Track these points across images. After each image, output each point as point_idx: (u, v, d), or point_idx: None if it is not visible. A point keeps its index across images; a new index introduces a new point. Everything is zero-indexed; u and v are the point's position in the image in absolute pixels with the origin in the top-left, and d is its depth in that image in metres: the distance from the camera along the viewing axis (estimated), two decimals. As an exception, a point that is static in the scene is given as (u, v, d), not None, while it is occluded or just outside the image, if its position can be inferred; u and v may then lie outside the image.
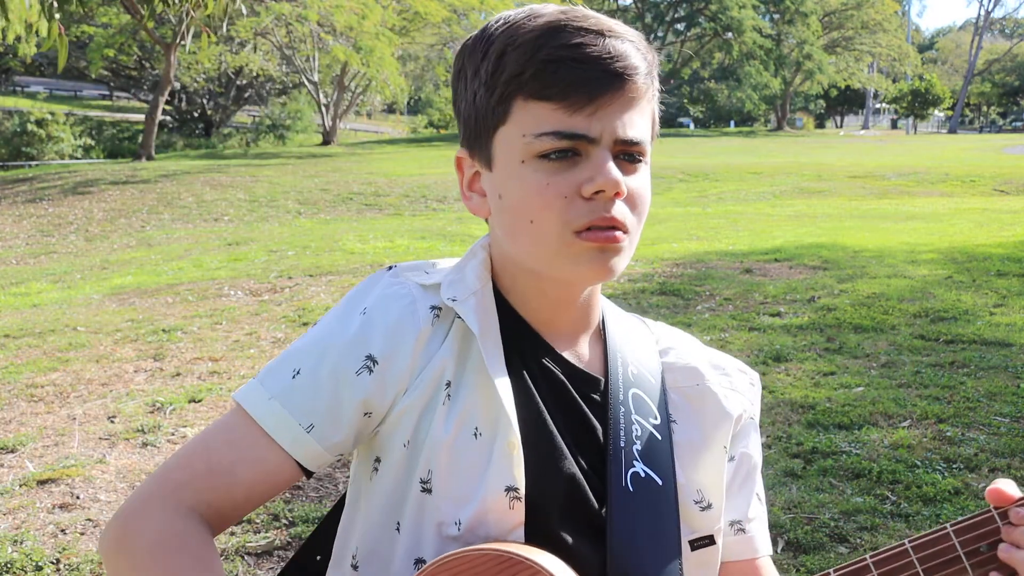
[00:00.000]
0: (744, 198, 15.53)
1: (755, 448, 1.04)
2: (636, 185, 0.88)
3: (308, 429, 0.91)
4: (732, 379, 1.04)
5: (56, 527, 2.96)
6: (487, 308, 0.94)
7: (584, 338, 1.00)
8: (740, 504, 1.02)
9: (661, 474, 0.94)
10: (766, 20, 43.31)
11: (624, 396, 0.96)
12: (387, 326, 0.92)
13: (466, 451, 0.91)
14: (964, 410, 3.85)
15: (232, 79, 32.42)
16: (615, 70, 0.85)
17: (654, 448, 0.95)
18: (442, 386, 0.92)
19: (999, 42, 69.50)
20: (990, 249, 7.95)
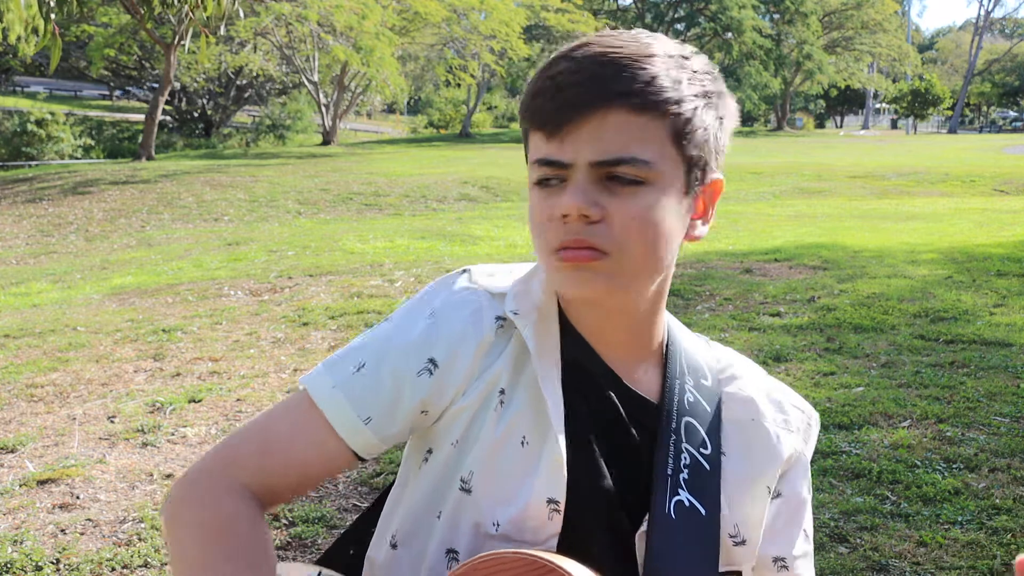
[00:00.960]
0: (744, 198, 15.54)
1: (804, 486, 1.04)
2: (622, 207, 0.87)
3: (366, 421, 0.95)
4: (788, 417, 1.03)
5: (56, 527, 2.96)
6: (548, 323, 0.97)
7: (643, 360, 1.00)
8: (785, 541, 1.02)
9: (706, 504, 0.95)
10: (766, 20, 43.31)
11: (677, 424, 0.97)
12: (451, 332, 0.95)
13: (511, 456, 0.94)
14: (964, 410, 3.85)
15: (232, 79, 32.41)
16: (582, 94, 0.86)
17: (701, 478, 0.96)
18: (496, 392, 0.95)
19: (999, 42, 69.51)
20: (990, 249, 7.95)
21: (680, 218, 0.92)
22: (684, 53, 0.92)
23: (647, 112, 0.87)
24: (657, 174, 0.88)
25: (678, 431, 0.96)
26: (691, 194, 0.93)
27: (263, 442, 0.97)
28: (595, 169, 0.87)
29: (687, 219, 0.94)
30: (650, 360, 1.00)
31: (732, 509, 0.97)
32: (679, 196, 0.91)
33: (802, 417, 1.05)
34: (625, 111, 0.86)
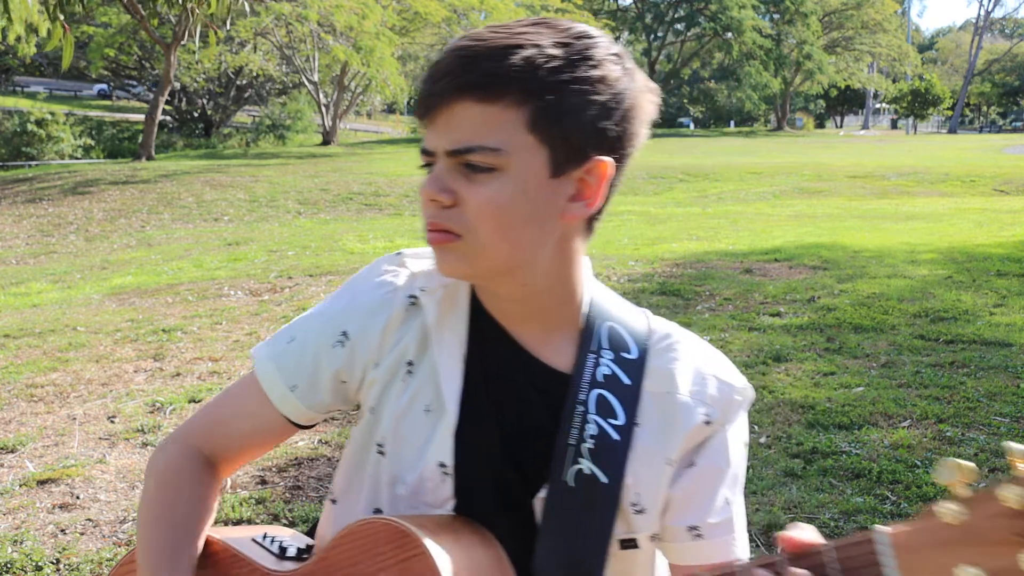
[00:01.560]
0: (744, 198, 15.53)
1: (724, 457, 1.02)
2: (474, 194, 0.92)
3: (292, 389, 1.07)
4: (705, 389, 1.02)
5: (56, 527, 2.96)
6: (454, 300, 1.04)
7: (557, 335, 1.03)
8: (700, 509, 1.01)
9: (608, 474, 0.98)
10: (766, 20, 43.32)
11: (586, 396, 1.00)
12: (364, 308, 1.05)
13: (416, 423, 1.02)
14: (964, 410, 3.86)
15: (232, 79, 32.41)
16: (439, 87, 0.91)
17: (607, 448, 0.98)
18: (403, 364, 1.03)
19: (999, 42, 69.52)
20: (990, 249, 7.95)
21: (546, 201, 0.94)
22: (565, 40, 0.92)
23: (496, 102, 0.90)
24: (508, 160, 0.91)
25: (586, 403, 0.99)
26: (562, 177, 0.94)
27: (218, 411, 1.13)
28: (451, 157, 0.92)
29: (559, 201, 0.95)
30: (565, 334, 1.03)
31: (637, 479, 0.99)
32: (541, 180, 0.93)
33: (722, 388, 1.03)
34: (471, 102, 0.90)
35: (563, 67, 0.91)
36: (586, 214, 0.98)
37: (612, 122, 0.95)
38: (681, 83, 50.63)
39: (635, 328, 1.06)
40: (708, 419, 1.01)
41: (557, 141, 0.92)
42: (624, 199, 15.69)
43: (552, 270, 0.99)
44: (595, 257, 7.87)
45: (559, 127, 0.92)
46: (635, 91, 0.97)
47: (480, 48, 0.91)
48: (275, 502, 3.09)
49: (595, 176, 0.96)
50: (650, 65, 46.11)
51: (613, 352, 1.02)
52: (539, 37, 0.91)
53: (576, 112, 0.92)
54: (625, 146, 0.98)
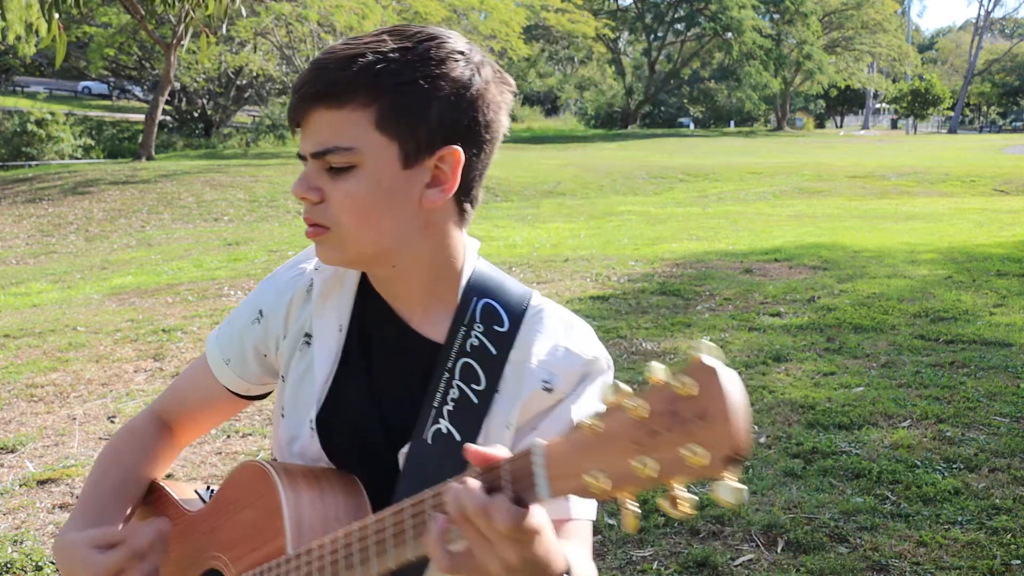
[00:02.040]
0: (744, 198, 15.53)
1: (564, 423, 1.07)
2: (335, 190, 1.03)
3: (227, 363, 1.24)
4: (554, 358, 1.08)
5: (56, 527, 2.96)
6: (342, 280, 1.16)
7: (433, 309, 1.13)
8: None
9: (463, 433, 1.07)
10: (766, 20, 43.33)
11: (453, 363, 1.10)
12: (276, 289, 1.21)
13: (307, 390, 1.16)
14: (964, 410, 3.85)
15: (232, 79, 32.41)
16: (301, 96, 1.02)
17: (465, 410, 1.08)
18: (302, 337, 1.17)
19: (999, 42, 69.53)
20: (990, 249, 7.95)
21: (401, 190, 1.04)
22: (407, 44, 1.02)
23: (343, 106, 1.01)
24: (362, 157, 1.02)
25: (453, 369, 1.09)
26: (415, 167, 1.04)
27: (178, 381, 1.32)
28: (315, 159, 1.03)
29: (415, 189, 1.05)
30: (444, 309, 1.13)
31: (488, 439, 1.07)
32: (394, 172, 1.04)
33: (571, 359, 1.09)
34: (324, 109, 1.01)
35: (402, 69, 1.01)
36: (443, 199, 1.06)
37: (459, 114, 1.03)
38: (681, 83, 50.62)
39: (511, 303, 1.13)
40: (548, 386, 1.07)
41: (404, 136, 1.02)
42: (624, 199, 15.69)
43: (422, 252, 1.09)
44: (595, 257, 7.87)
45: (404, 123, 1.02)
46: (482, 84, 1.05)
47: (329, 60, 1.02)
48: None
49: (448, 164, 1.05)
50: (650, 65, 46.12)
51: (484, 325, 1.11)
52: (382, 44, 1.02)
53: (419, 108, 1.01)
54: (478, 134, 1.06)
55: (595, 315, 5.67)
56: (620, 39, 46.91)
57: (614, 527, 2.93)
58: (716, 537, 2.86)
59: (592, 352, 1.10)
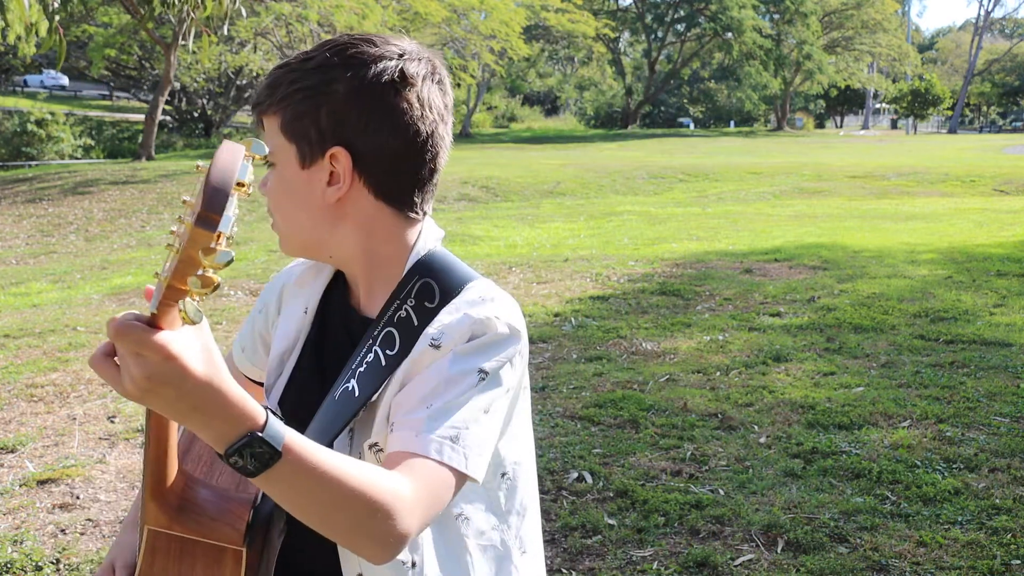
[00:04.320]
0: (744, 198, 15.53)
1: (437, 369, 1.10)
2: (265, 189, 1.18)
3: (242, 350, 1.38)
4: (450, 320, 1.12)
5: (56, 527, 2.96)
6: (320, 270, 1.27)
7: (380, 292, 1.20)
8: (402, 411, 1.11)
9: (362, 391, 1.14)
10: (766, 20, 43.32)
11: (379, 332, 1.17)
12: (276, 280, 1.35)
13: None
14: (964, 410, 3.85)
15: (232, 79, 32.40)
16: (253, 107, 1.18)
17: (373, 371, 1.15)
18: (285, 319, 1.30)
19: (999, 42, 69.52)
20: (990, 249, 7.95)
21: (304, 188, 1.15)
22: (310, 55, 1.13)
23: (265, 115, 1.15)
24: (275, 157, 1.15)
25: (376, 337, 1.17)
26: (312, 167, 1.14)
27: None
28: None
29: (318, 187, 1.14)
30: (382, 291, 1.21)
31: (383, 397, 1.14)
32: (296, 171, 1.14)
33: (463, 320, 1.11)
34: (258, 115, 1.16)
35: (301, 77, 1.12)
36: (335, 196, 1.13)
37: (351, 115, 1.11)
38: (681, 83, 50.62)
39: (449, 283, 1.18)
40: (436, 343, 1.11)
41: (299, 138, 1.13)
42: (624, 199, 15.69)
43: (348, 243, 1.17)
44: (595, 257, 7.87)
45: (299, 126, 1.12)
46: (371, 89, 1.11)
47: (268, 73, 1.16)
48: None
49: (340, 163, 1.12)
50: (650, 65, 46.12)
51: (416, 300, 1.17)
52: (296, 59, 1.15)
53: (310, 112, 1.11)
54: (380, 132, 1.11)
55: (595, 315, 5.68)
56: (620, 39, 46.90)
57: (614, 527, 2.93)
58: (716, 537, 2.86)
59: (487, 313, 1.12)
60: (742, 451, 3.50)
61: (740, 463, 3.39)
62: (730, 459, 3.43)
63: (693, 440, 3.61)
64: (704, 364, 4.61)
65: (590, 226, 11.03)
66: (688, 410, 3.95)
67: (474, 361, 1.11)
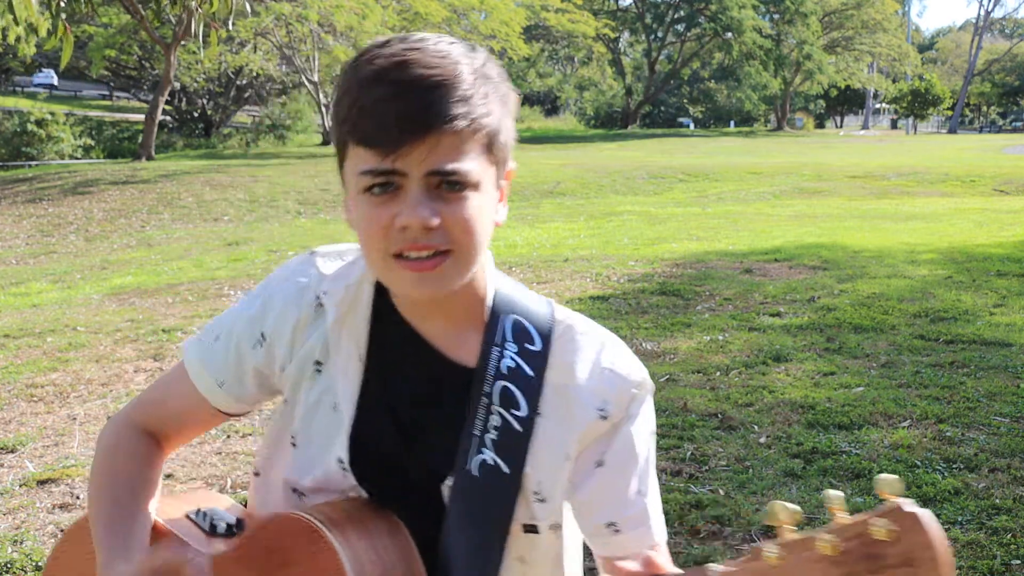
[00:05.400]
0: (744, 198, 15.53)
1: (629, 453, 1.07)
2: (456, 212, 0.97)
3: (220, 384, 1.16)
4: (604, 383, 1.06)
5: (56, 527, 2.96)
6: (356, 301, 1.10)
7: (463, 329, 1.08)
8: (614, 506, 1.06)
9: (509, 463, 1.04)
10: (766, 20, 43.29)
11: (490, 388, 1.05)
12: (277, 311, 1.12)
13: (324, 419, 1.10)
14: (964, 410, 3.85)
15: (232, 79, 32.40)
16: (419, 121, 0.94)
17: (509, 438, 1.04)
18: (311, 363, 1.11)
19: (999, 42, 69.52)
20: (990, 249, 7.95)
21: (493, 209, 1.03)
22: (479, 62, 0.99)
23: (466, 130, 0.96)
24: (478, 180, 0.98)
25: (491, 395, 1.05)
26: (498, 187, 1.04)
27: (154, 395, 1.24)
28: (429, 178, 0.96)
29: (496, 207, 1.04)
30: (470, 329, 1.09)
31: (537, 468, 1.04)
32: (492, 192, 1.02)
33: (619, 382, 1.07)
34: (451, 133, 0.95)
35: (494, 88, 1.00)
36: (505, 215, 1.06)
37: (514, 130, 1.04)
38: (681, 83, 50.61)
39: (539, 319, 1.10)
40: (604, 414, 1.05)
41: (500, 158, 1.02)
42: (624, 199, 15.69)
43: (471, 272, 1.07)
44: (595, 257, 7.87)
45: (499, 145, 1.01)
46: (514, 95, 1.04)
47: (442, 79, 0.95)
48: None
49: (508, 181, 1.06)
50: (650, 65, 46.11)
51: (517, 344, 1.07)
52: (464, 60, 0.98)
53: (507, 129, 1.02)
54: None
55: (595, 315, 5.67)
56: (620, 39, 46.88)
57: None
58: (716, 537, 2.86)
59: (639, 373, 1.09)
60: (742, 451, 3.50)
61: (740, 463, 3.39)
62: (730, 459, 3.43)
63: (693, 440, 3.61)
64: (704, 364, 4.61)
65: (590, 226, 11.03)
66: (688, 410, 3.95)
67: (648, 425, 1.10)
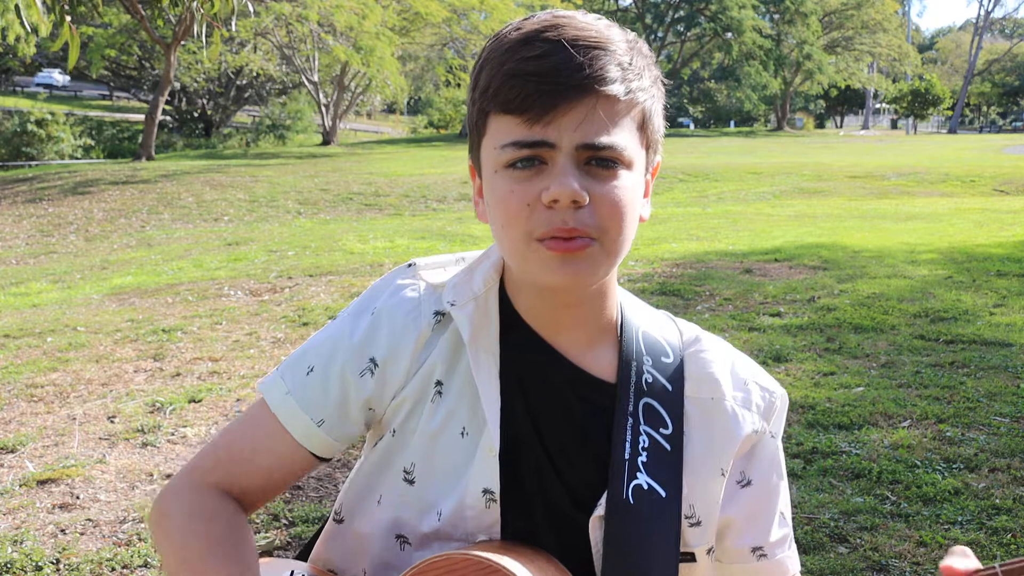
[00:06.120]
0: (744, 198, 15.53)
1: (775, 472, 1.02)
2: (606, 191, 0.87)
3: (319, 424, 0.99)
4: (749, 395, 1.01)
5: (56, 527, 2.96)
6: (486, 313, 0.97)
7: (597, 342, 0.99)
8: (762, 529, 1.00)
9: (667, 487, 0.94)
10: (766, 20, 43.31)
11: (634, 407, 0.96)
12: (391, 330, 0.97)
13: (451, 447, 0.96)
14: (964, 410, 3.85)
15: (232, 79, 32.42)
16: (574, 81, 0.84)
17: (662, 460, 0.95)
18: (432, 384, 0.97)
19: (999, 42, 69.51)
20: (990, 249, 7.95)
21: (640, 200, 0.93)
22: (632, 36, 0.92)
23: (625, 99, 0.87)
24: (630, 158, 0.89)
25: (636, 413, 0.95)
26: (646, 176, 0.95)
27: (228, 451, 1.02)
28: (579, 152, 0.86)
29: (642, 199, 0.95)
30: (604, 341, 0.99)
31: (690, 489, 0.96)
32: (642, 178, 0.93)
33: (764, 395, 1.02)
34: (610, 98, 0.86)
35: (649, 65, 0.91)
36: (648, 213, 0.97)
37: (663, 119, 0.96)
38: (681, 83, 50.62)
39: (667, 333, 1.03)
40: (754, 427, 1.00)
41: (651, 140, 0.93)
42: (624, 199, 15.67)
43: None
44: (595, 257, 7.86)
45: (653, 126, 0.92)
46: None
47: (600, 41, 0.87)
48: (275, 502, 3.09)
49: (653, 177, 0.98)
50: (650, 65, 46.10)
51: (652, 358, 0.99)
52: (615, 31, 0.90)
53: (659, 112, 0.93)
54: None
55: (595, 315, 5.67)
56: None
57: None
58: (716, 537, 2.85)
59: (777, 385, 1.05)
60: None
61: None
62: (730, 459, 3.42)
63: (693, 440, 3.61)
64: (704, 364, 4.60)
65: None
66: (688, 410, 3.94)
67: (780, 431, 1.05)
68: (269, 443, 1.00)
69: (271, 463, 1.00)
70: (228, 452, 1.02)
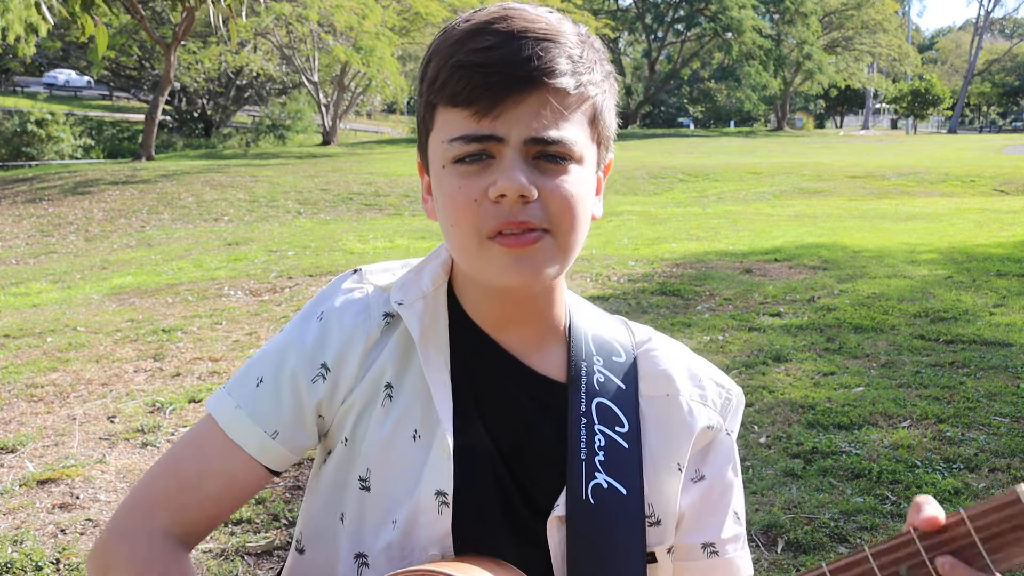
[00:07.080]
0: (744, 198, 15.53)
1: (729, 468, 1.01)
2: (556, 186, 0.85)
3: (274, 436, 0.95)
4: (704, 391, 1.00)
5: (56, 527, 2.96)
6: (435, 312, 0.96)
7: (546, 343, 0.98)
8: (714, 526, 0.99)
9: (626, 484, 0.93)
10: (766, 20, 43.30)
11: (587, 407, 0.95)
12: (340, 334, 0.95)
13: (404, 452, 0.93)
14: (964, 410, 3.85)
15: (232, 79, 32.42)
16: (522, 73, 0.83)
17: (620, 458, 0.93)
18: (382, 387, 0.95)
19: (999, 42, 69.52)
20: (990, 249, 7.95)
21: (592, 196, 0.92)
22: (583, 30, 0.90)
23: (575, 93, 0.86)
24: (581, 153, 0.88)
25: (589, 413, 0.94)
26: (597, 173, 0.94)
27: (176, 477, 0.96)
28: (528, 147, 0.85)
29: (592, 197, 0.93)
30: (553, 342, 0.98)
31: (650, 488, 0.94)
32: (593, 175, 0.92)
33: (721, 392, 1.01)
34: (560, 92, 0.85)
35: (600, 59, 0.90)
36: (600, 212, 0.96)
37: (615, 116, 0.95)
38: (681, 83, 50.61)
39: (618, 334, 1.03)
40: (710, 423, 0.99)
41: (602, 136, 0.92)
42: (624, 199, 15.68)
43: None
44: (595, 257, 7.87)
45: (603, 122, 0.91)
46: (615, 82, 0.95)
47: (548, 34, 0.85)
48: (275, 502, 3.09)
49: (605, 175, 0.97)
50: (650, 65, 46.10)
51: (603, 358, 0.98)
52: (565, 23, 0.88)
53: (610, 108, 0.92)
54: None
55: (595, 315, 5.67)
56: (620, 39, 46.88)
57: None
58: (716, 537, 2.85)
59: (730, 381, 1.04)
60: (742, 451, 3.50)
61: (741, 463, 3.39)
62: (730, 459, 3.43)
63: (693, 440, 3.61)
64: (704, 364, 4.61)
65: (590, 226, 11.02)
66: (688, 410, 3.94)
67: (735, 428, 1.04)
68: (220, 465, 0.95)
69: (220, 488, 0.95)
70: (176, 481, 0.96)
